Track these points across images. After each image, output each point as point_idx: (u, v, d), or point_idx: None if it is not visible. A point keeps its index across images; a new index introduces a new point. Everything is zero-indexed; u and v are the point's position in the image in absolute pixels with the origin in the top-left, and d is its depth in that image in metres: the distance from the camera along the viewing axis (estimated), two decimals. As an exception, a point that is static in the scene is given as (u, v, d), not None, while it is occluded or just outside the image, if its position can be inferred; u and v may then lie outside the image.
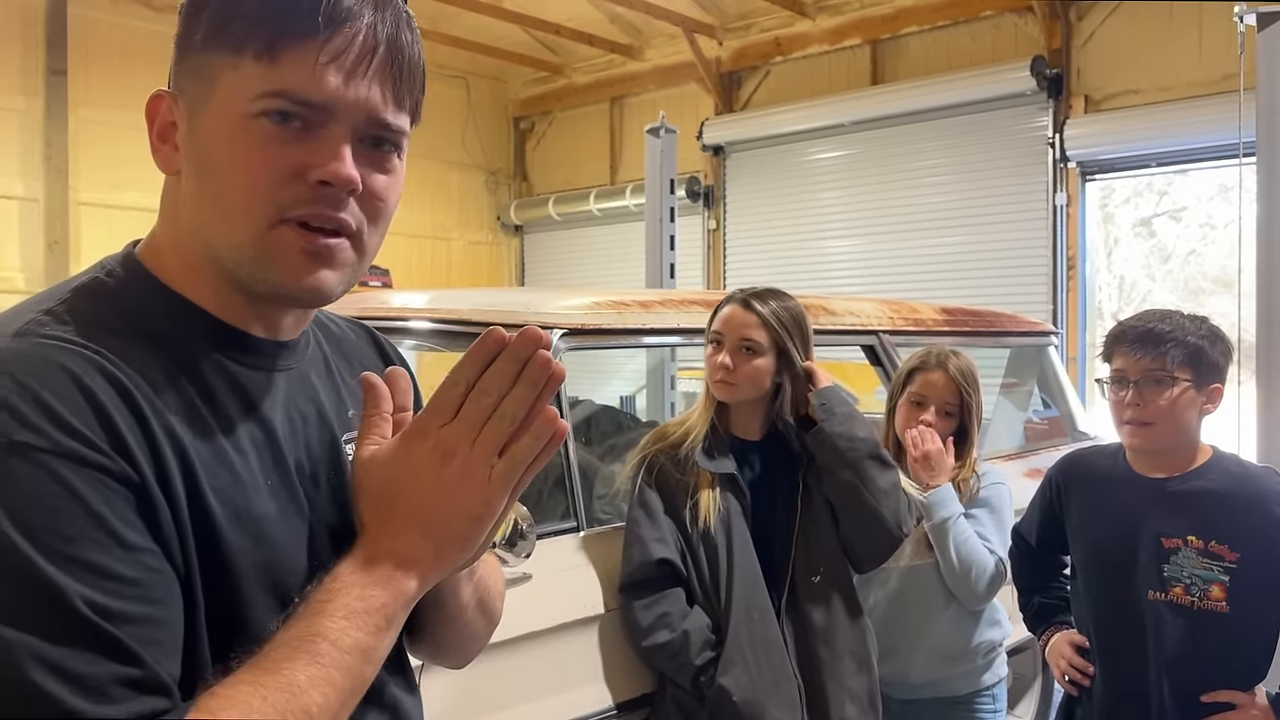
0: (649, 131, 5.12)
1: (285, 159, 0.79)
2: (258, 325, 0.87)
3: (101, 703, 0.65)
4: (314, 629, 0.74)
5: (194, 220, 0.83)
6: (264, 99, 0.78)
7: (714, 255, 10.25)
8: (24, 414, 0.69)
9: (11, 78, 8.94)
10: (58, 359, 0.72)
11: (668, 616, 2.12)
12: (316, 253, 0.81)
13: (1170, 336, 1.96)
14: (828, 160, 9.40)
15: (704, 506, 2.16)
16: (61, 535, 0.67)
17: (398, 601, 0.78)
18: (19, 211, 9.02)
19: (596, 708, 2.14)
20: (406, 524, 0.79)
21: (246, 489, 0.80)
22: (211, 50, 0.80)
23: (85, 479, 0.69)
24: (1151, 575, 1.98)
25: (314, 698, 0.71)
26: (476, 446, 0.78)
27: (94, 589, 0.67)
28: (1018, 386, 4.24)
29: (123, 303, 0.81)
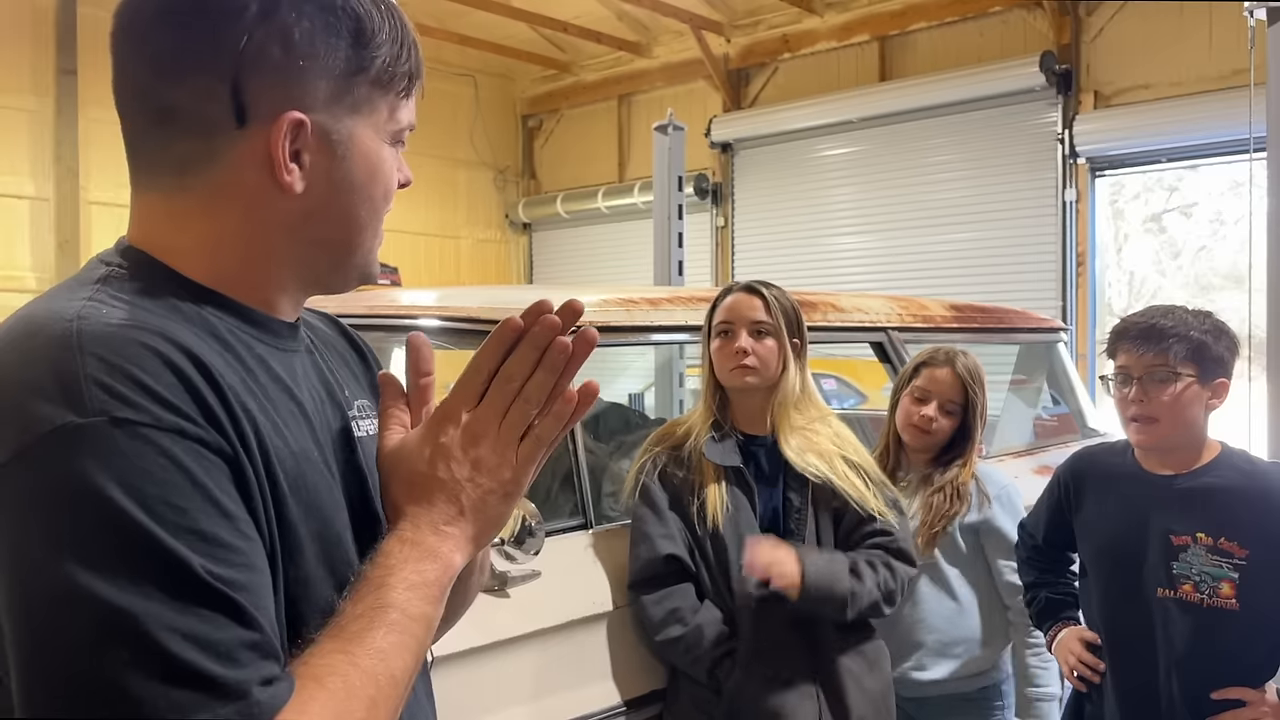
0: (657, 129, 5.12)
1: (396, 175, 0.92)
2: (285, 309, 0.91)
3: (235, 668, 0.67)
4: (383, 600, 0.78)
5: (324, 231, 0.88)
6: (400, 131, 0.90)
7: (722, 252, 10.24)
8: (120, 391, 0.70)
9: (22, 78, 8.97)
10: (135, 337, 0.73)
11: (679, 611, 2.12)
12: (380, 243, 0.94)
13: (1173, 332, 1.95)
14: (836, 157, 9.39)
15: (711, 501, 2.16)
16: (175, 506, 0.69)
17: (447, 574, 0.83)
18: (30, 211, 9.06)
19: (606, 704, 2.15)
20: (446, 505, 0.84)
21: (300, 461, 0.83)
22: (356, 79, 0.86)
23: (188, 451, 0.71)
24: (1160, 572, 1.97)
25: (397, 663, 0.76)
26: (503, 429, 0.85)
27: (210, 558, 0.69)
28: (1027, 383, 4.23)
29: (150, 289, 0.82)
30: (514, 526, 1.93)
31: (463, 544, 0.85)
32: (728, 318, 2.25)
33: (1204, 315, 2.02)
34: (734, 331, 2.22)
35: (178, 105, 0.83)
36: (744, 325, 2.22)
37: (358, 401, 0.98)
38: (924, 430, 2.52)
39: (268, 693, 0.69)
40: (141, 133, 0.86)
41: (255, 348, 0.85)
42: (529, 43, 10.78)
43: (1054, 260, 8.06)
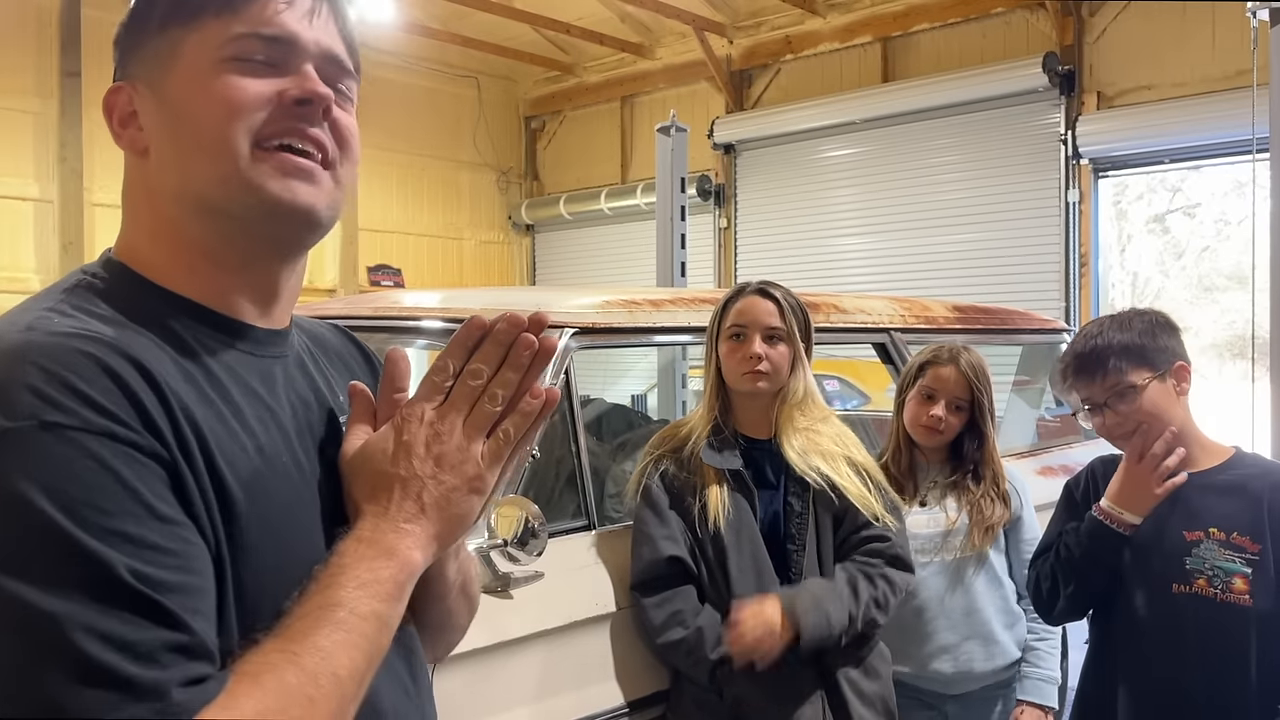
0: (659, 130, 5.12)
1: (257, 88, 0.84)
2: (249, 310, 0.91)
3: (153, 668, 0.67)
4: (331, 599, 0.77)
5: (176, 179, 0.87)
6: (231, 43, 0.84)
7: (725, 253, 10.24)
8: (52, 396, 0.71)
9: (26, 80, 8.99)
10: (77, 345, 0.75)
11: (680, 614, 2.12)
12: (297, 170, 0.85)
13: (1108, 349, 1.96)
14: (839, 158, 9.39)
15: (712, 504, 2.16)
16: (100, 509, 0.69)
17: (404, 572, 0.82)
18: (34, 213, 9.08)
19: (610, 705, 2.15)
20: (406, 502, 0.83)
21: (258, 468, 0.83)
22: (170, 28, 0.86)
23: (118, 454, 0.71)
24: (1175, 568, 1.97)
25: (342, 661, 0.75)
26: (467, 426, 0.84)
27: (136, 559, 0.69)
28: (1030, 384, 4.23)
29: (116, 298, 0.84)
30: (517, 528, 1.93)
31: (423, 541, 0.83)
32: (741, 321, 2.23)
33: (1128, 318, 2.02)
34: (747, 336, 2.21)
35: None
36: (758, 330, 2.21)
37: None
38: (934, 429, 2.51)
39: (189, 693, 0.68)
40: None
41: (224, 355, 0.87)
42: (532, 44, 10.79)
43: (1057, 261, 8.06)
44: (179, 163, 0.86)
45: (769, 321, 2.21)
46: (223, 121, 0.83)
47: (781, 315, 2.21)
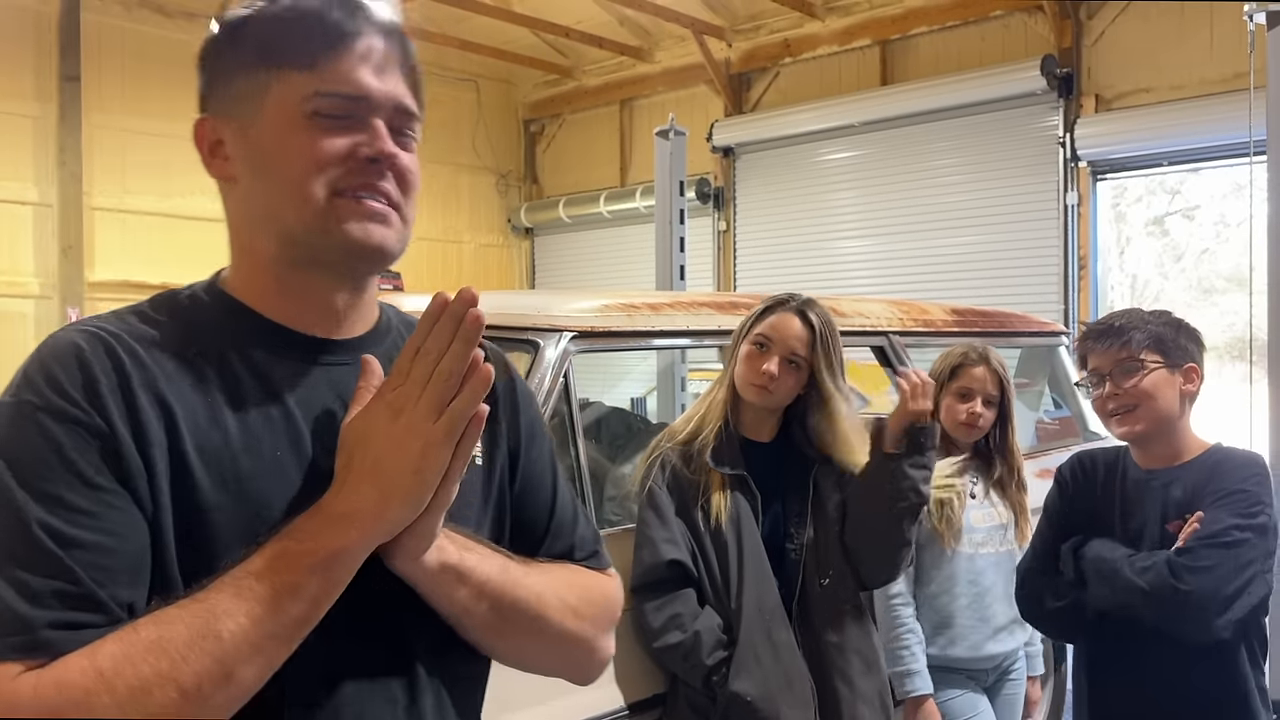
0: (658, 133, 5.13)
1: (337, 145, 0.95)
2: (316, 325, 1.00)
3: (34, 607, 0.79)
4: (247, 568, 0.84)
5: (259, 209, 0.98)
6: (313, 99, 0.94)
7: (724, 257, 10.25)
8: (33, 380, 0.87)
9: (25, 84, 8.99)
10: (75, 339, 0.90)
11: (679, 618, 2.12)
12: (371, 215, 0.96)
13: (1131, 325, 2.04)
14: (838, 161, 9.39)
15: (715, 507, 2.16)
16: (37, 473, 0.83)
17: (335, 548, 0.86)
18: (34, 217, 9.08)
19: (608, 708, 2.15)
20: (358, 476, 0.88)
21: (239, 456, 0.91)
22: (255, 72, 0.96)
23: (64, 430, 0.85)
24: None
25: (227, 624, 0.81)
26: (420, 404, 0.88)
27: (54, 517, 0.82)
28: (1029, 387, 4.23)
29: (181, 309, 0.99)
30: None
31: (363, 519, 0.87)
32: (770, 335, 2.23)
33: (1162, 313, 2.10)
34: (769, 351, 2.21)
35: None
36: (782, 350, 2.21)
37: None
38: (974, 425, 2.71)
39: (57, 634, 0.79)
40: None
41: (259, 358, 0.96)
42: (531, 48, 10.80)
43: (1056, 264, 8.06)
44: (264, 197, 0.97)
45: (794, 347, 2.21)
46: (304, 174, 0.94)
47: (809, 346, 2.21)
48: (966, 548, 2.66)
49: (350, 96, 0.95)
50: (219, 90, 0.99)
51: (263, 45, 0.96)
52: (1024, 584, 2.23)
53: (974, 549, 2.67)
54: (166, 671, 0.78)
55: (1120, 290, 9.33)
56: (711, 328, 2.74)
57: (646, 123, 10.47)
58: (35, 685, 0.77)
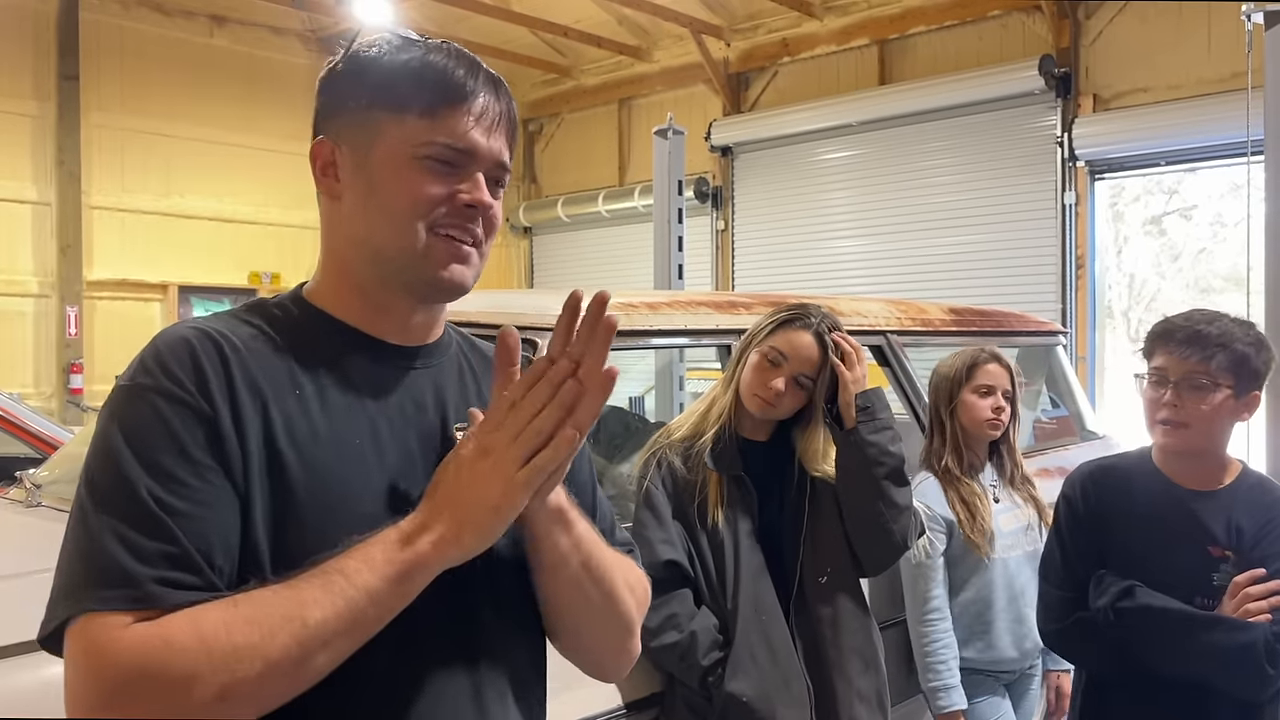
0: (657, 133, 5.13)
1: (441, 189, 1.06)
2: (392, 333, 1.11)
3: (142, 564, 0.89)
4: (336, 565, 0.93)
5: (361, 230, 1.08)
6: (428, 146, 1.06)
7: (722, 256, 10.26)
8: (149, 366, 0.99)
9: (24, 83, 8.99)
10: (186, 334, 1.01)
11: (675, 618, 2.12)
12: (459, 256, 1.08)
13: (1218, 341, 1.91)
14: (836, 160, 9.40)
15: (711, 507, 2.16)
16: (148, 446, 0.94)
17: (413, 561, 0.95)
18: (32, 216, 9.08)
19: (606, 707, 2.15)
20: (441, 502, 0.98)
21: (325, 447, 1.01)
22: (376, 109, 1.07)
23: (171, 409, 0.96)
24: (1200, 582, 1.95)
25: (314, 613, 0.90)
26: (509, 450, 0.98)
27: (159, 486, 0.92)
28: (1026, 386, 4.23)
29: (273, 314, 1.09)
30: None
31: (441, 542, 0.96)
32: (784, 352, 2.20)
33: (1248, 326, 1.97)
34: (781, 368, 2.20)
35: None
36: (794, 368, 2.20)
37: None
38: (998, 421, 2.73)
39: (162, 590, 0.89)
40: None
41: (345, 363, 1.08)
42: (529, 47, 10.81)
43: (1054, 263, 8.07)
44: (367, 222, 1.08)
45: (807, 368, 2.20)
46: (409, 210, 1.06)
47: (818, 366, 2.20)
48: (999, 552, 2.66)
49: (461, 150, 1.07)
50: (338, 117, 1.09)
51: (387, 87, 1.06)
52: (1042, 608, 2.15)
53: (1005, 553, 2.68)
54: (256, 644, 0.88)
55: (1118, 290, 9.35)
56: (709, 327, 2.74)
57: (645, 122, 10.48)
58: (143, 635, 0.87)
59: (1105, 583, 1.99)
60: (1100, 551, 2.05)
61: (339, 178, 1.09)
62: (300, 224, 10.19)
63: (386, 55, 1.09)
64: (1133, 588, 1.95)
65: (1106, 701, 2.09)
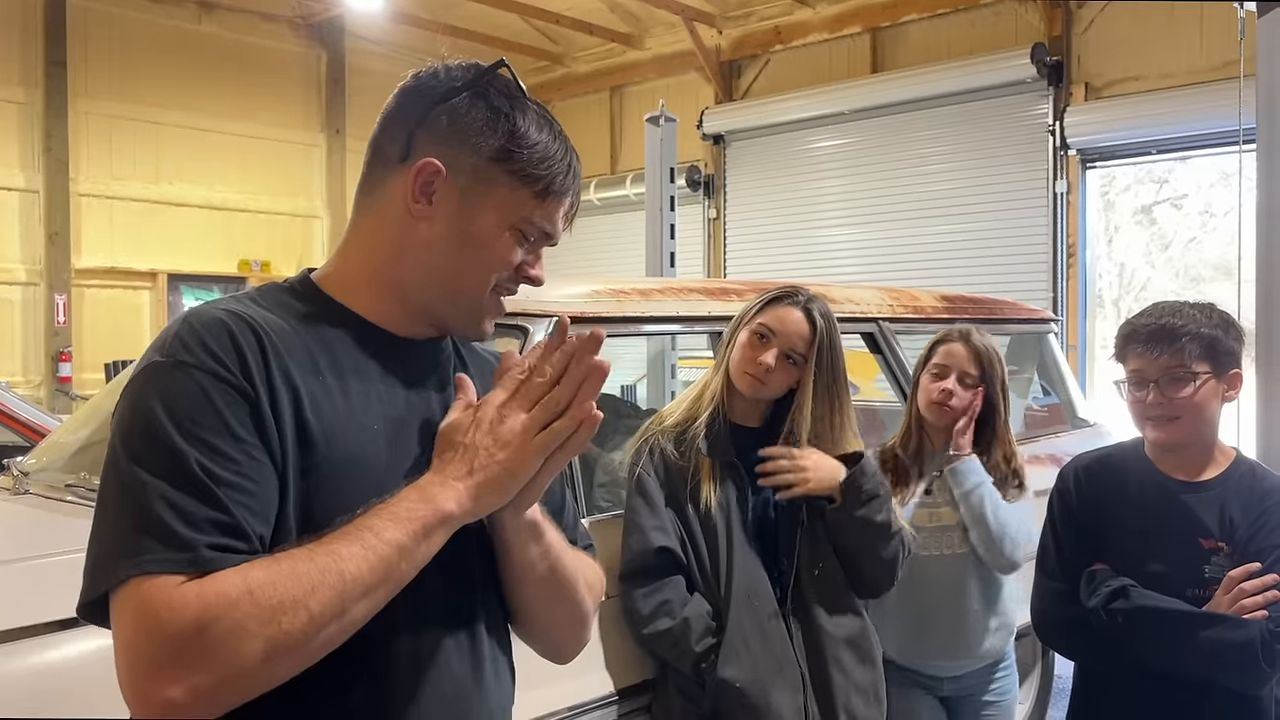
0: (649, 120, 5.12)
1: (514, 257, 1.16)
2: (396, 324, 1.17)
3: (194, 531, 0.94)
4: (364, 523, 0.99)
5: (442, 264, 1.14)
6: (527, 222, 1.15)
7: (714, 244, 10.25)
8: (188, 344, 1.02)
9: (11, 70, 8.93)
10: (222, 317, 1.05)
11: (668, 604, 2.12)
12: (501, 311, 1.20)
13: (1184, 330, 1.91)
14: (828, 148, 9.40)
15: (704, 493, 2.16)
16: (194, 421, 0.98)
17: (435, 516, 1.02)
18: (19, 203, 9.02)
19: (598, 694, 2.15)
20: (459, 462, 1.05)
21: (347, 425, 1.07)
22: (495, 167, 1.13)
23: (216, 388, 1.00)
24: (1193, 573, 1.94)
25: (349, 567, 0.96)
26: (527, 418, 1.05)
27: (207, 459, 0.97)
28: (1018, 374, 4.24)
29: (284, 298, 1.15)
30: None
31: (462, 498, 1.04)
32: (773, 327, 2.19)
33: (1209, 309, 1.97)
34: (769, 343, 2.19)
35: (379, 141, 1.17)
36: (783, 344, 2.18)
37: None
38: (944, 405, 2.50)
39: (215, 554, 0.94)
40: (364, 172, 1.18)
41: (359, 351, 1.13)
42: (520, 34, 10.76)
43: (1045, 252, 8.09)
44: (453, 261, 1.14)
45: (795, 344, 2.18)
46: (493, 270, 1.15)
47: (812, 343, 2.18)
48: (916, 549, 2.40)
49: (548, 234, 1.18)
50: (459, 150, 1.13)
51: (520, 158, 1.13)
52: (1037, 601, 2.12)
53: (922, 550, 2.44)
54: (299, 598, 0.93)
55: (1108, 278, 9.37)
56: (701, 314, 2.74)
57: (637, 110, 10.46)
58: (198, 591, 0.92)
59: (1097, 580, 1.99)
60: (1094, 544, 2.04)
61: (432, 203, 1.13)
62: (290, 211, 10.15)
63: (526, 121, 1.15)
64: (1126, 588, 1.94)
65: (1100, 694, 2.09)
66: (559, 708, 2.08)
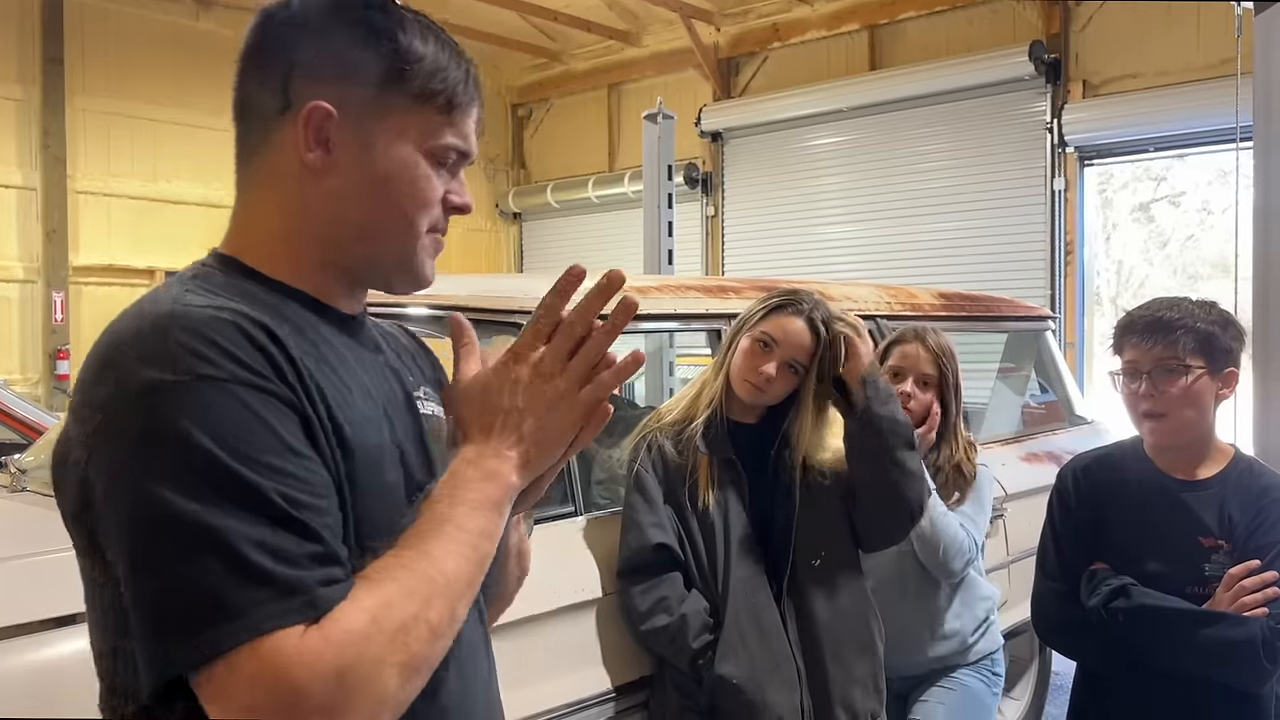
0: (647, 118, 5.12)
1: (439, 189, 1.04)
2: (340, 300, 1.06)
3: (297, 569, 0.83)
4: (441, 515, 0.92)
5: (359, 215, 1.01)
6: (440, 146, 1.02)
7: (712, 241, 10.25)
8: (203, 352, 0.86)
9: (8, 66, 8.91)
10: (218, 315, 0.90)
11: (665, 601, 2.13)
12: (437, 249, 1.08)
13: (1180, 323, 1.91)
14: (826, 146, 9.40)
15: (702, 490, 2.16)
16: (253, 445, 0.85)
17: (503, 492, 0.96)
18: (17, 200, 9.01)
19: (595, 690, 2.16)
20: (509, 430, 0.97)
21: (362, 421, 0.98)
22: (390, 92, 1.00)
23: (262, 402, 0.87)
24: (1192, 572, 1.95)
25: (447, 565, 0.89)
26: (569, 371, 0.97)
27: (283, 485, 0.85)
28: (1015, 371, 4.25)
29: (236, 285, 0.99)
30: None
31: (518, 466, 0.96)
32: (775, 337, 2.18)
33: (1209, 305, 1.98)
34: (771, 352, 2.18)
35: (248, 96, 1.02)
36: (785, 354, 2.17)
37: (422, 388, 1.14)
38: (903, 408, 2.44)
39: (327, 590, 0.84)
40: (237, 135, 1.04)
41: (320, 329, 1.01)
42: (518, 31, 10.75)
43: (1043, 249, 8.09)
44: (364, 210, 1.01)
45: (797, 355, 2.18)
46: (417, 210, 1.02)
47: (812, 355, 2.18)
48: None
49: (464, 154, 1.05)
50: (340, 85, 0.99)
51: (412, 73, 1.00)
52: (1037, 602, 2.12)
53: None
54: (417, 613, 0.86)
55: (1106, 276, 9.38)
56: (699, 311, 2.74)
57: (635, 107, 10.45)
58: (325, 637, 0.82)
59: (1097, 579, 1.98)
60: (1094, 543, 2.04)
61: (330, 150, 0.99)
62: (288, 209, 10.09)
63: (409, 34, 1.01)
64: (1126, 587, 1.94)
65: (1101, 693, 2.09)
66: (557, 704, 2.08)
